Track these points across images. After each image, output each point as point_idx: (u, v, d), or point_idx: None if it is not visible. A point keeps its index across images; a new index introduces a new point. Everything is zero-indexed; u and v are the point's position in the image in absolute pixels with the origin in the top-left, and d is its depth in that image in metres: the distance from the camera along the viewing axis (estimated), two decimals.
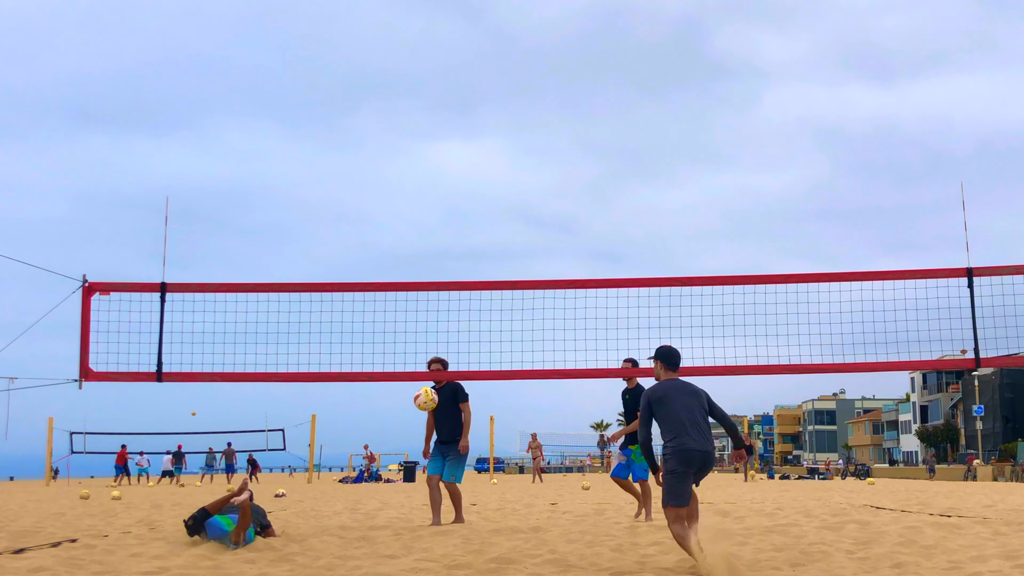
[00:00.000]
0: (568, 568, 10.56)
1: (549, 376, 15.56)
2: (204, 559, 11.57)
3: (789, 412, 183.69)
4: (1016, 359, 17.45)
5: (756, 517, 17.74)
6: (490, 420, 62.94)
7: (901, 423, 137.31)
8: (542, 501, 25.58)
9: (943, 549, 11.76)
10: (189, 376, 15.46)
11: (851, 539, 13.08)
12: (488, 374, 15.57)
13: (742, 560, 10.73)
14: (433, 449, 16.44)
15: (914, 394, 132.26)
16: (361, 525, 16.67)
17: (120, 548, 12.72)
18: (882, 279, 15.76)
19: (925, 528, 14.36)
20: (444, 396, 16.08)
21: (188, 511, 21.59)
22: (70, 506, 25.20)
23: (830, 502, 24.60)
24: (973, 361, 15.65)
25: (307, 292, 15.71)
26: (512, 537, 13.78)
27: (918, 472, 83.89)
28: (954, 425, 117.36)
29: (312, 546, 12.92)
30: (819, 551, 11.77)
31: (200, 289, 15.75)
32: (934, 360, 16.18)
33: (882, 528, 14.47)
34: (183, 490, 43.53)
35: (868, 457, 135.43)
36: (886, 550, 11.79)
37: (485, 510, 21.46)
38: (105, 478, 61.94)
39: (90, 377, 15.51)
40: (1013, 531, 13.92)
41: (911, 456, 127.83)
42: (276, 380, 15.61)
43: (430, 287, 15.90)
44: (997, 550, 11.49)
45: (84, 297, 15.53)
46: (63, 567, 10.62)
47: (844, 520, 16.37)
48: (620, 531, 14.35)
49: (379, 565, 10.92)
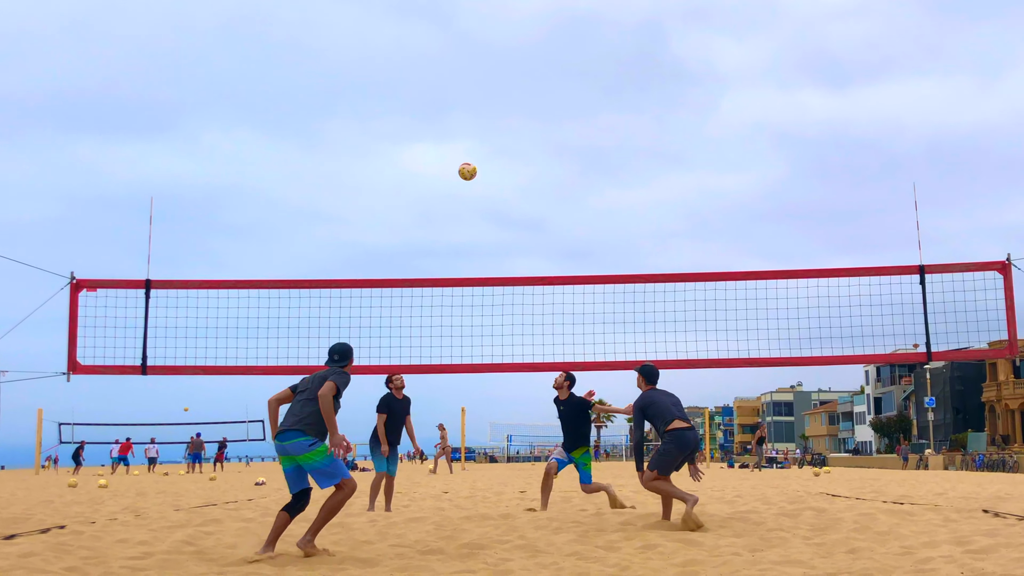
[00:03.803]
0: (536, 553, 10.55)
1: (519, 369, 15.58)
2: (187, 545, 11.54)
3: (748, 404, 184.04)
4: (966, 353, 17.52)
5: (717, 504, 17.76)
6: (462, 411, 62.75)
7: (856, 414, 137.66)
8: (511, 489, 25.57)
9: (896, 535, 11.78)
10: (173, 369, 15.44)
11: (808, 525, 13.08)
12: (460, 367, 15.57)
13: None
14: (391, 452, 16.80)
15: (868, 386, 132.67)
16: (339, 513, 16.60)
17: (107, 534, 12.68)
18: (838, 276, 15.80)
19: (879, 515, 14.38)
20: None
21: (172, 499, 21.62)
22: (59, 494, 25.16)
23: (788, 490, 24.63)
24: (925, 355, 15.71)
25: (285, 288, 15.69)
26: (483, 524, 13.75)
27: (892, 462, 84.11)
28: (907, 416, 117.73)
29: (291, 531, 12.87)
30: (777, 537, 11.77)
31: (183, 286, 15.74)
32: (887, 354, 16.25)
33: (838, 515, 14.48)
34: (167, 478, 43.49)
35: (824, 447, 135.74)
36: (842, 536, 11.80)
37: (457, 497, 21.43)
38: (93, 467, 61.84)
39: (78, 370, 15.48)
40: (963, 518, 13.95)
41: (866, 446, 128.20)
42: (256, 373, 15.58)
43: (404, 284, 15.89)
44: (948, 536, 11.51)
45: (72, 293, 15.51)
46: (52, 552, 10.57)
47: (801, 507, 16.38)
48: (586, 518, 14.33)
49: (355, 550, 10.89)
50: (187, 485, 33.07)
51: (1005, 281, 15.69)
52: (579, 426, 15.67)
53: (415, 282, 15.85)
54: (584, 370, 16.01)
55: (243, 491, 26.84)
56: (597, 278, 16.03)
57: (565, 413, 15.84)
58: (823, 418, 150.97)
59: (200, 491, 27.06)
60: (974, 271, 15.73)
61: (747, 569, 9.02)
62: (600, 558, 10.09)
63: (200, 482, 37.15)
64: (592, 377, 16.78)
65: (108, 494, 24.85)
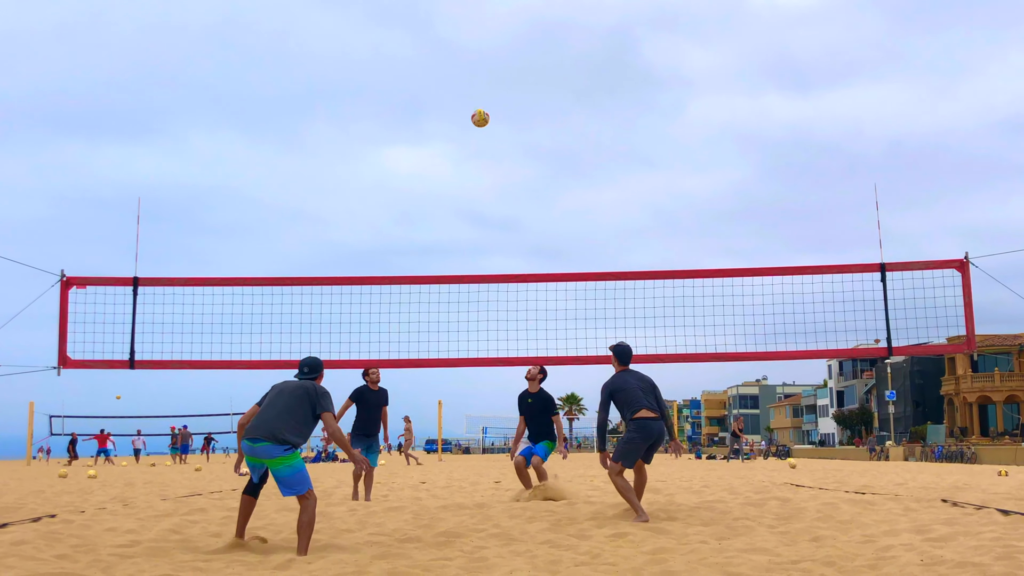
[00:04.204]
0: (511, 541, 10.58)
1: (494, 363, 15.60)
2: (173, 533, 11.55)
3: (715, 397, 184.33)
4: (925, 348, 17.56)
5: (685, 494, 17.81)
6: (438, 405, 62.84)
7: (819, 407, 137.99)
8: (486, 480, 25.60)
9: (858, 524, 11.84)
10: (160, 364, 15.45)
11: (773, 515, 13.14)
12: (437, 361, 15.59)
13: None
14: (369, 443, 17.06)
15: (831, 380, 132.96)
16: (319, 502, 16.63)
17: (96, 523, 12.68)
18: (801, 274, 15.86)
19: (841, 504, 14.44)
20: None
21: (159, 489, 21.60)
22: (49, 484, 25.13)
23: (753, 480, 24.71)
24: (886, 350, 15.78)
25: (268, 286, 15.70)
26: (458, 513, 13.78)
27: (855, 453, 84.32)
28: (868, 409, 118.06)
29: (273, 520, 12.90)
30: (743, 526, 11.82)
31: (169, 283, 15.74)
32: (850, 349, 16.30)
33: (801, 504, 14.54)
34: (154, 469, 43.49)
35: (789, 439, 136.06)
36: (805, 525, 11.85)
37: (434, 487, 21.47)
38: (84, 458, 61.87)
39: (68, 364, 15.49)
40: (923, 507, 14.02)
41: (829, 438, 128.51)
42: (240, 367, 15.59)
43: (382, 281, 15.91)
44: (908, 525, 11.57)
45: (62, 290, 15.52)
46: (43, 540, 10.58)
47: (766, 497, 16.44)
48: (559, 507, 14.36)
49: (336, 538, 10.92)
50: (173, 475, 33.05)
51: (963, 279, 15.77)
52: (546, 420, 15.70)
53: (393, 279, 15.87)
54: (556, 364, 16.04)
55: (227, 481, 26.82)
56: (568, 275, 16.07)
57: (533, 406, 15.86)
58: (787, 411, 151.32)
59: (186, 481, 27.04)
60: (933, 269, 15.80)
61: (714, 557, 9.06)
62: (572, 546, 10.13)
63: (186, 472, 37.12)
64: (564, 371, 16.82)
65: (97, 484, 24.82)
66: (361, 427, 16.92)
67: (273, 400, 10.05)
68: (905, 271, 15.74)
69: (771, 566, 8.40)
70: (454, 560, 9.07)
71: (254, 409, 10.24)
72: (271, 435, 9.67)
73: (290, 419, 9.81)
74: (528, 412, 15.82)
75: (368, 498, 17.07)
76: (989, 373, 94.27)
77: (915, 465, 48.97)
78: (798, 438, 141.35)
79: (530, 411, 15.79)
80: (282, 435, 9.66)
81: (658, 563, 8.71)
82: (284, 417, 9.80)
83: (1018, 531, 10.64)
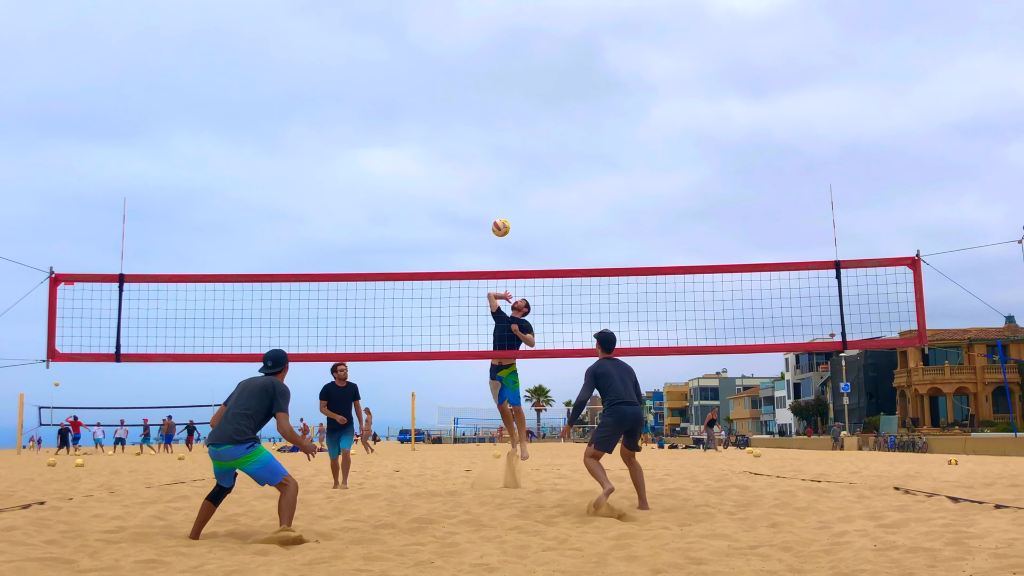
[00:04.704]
0: (481, 527, 10.63)
1: (465, 357, 15.62)
2: (157, 519, 11.57)
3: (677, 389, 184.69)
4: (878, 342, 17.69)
5: (648, 483, 17.84)
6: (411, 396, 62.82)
7: (777, 398, 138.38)
8: (458, 468, 25.65)
9: (814, 510, 11.92)
10: (144, 357, 15.42)
11: (732, 502, 13.21)
12: (410, 355, 15.59)
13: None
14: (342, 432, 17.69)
15: (788, 373, 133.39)
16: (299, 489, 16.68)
17: (83, 510, 12.73)
18: (760, 271, 15.90)
19: (798, 492, 14.53)
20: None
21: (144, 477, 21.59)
22: (39, 472, 25.19)
23: (713, 469, 24.79)
24: (841, 344, 15.84)
25: (248, 282, 15.67)
26: (431, 500, 13.83)
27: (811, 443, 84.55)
28: (824, 400, 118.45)
29: (253, 508, 12.92)
30: (704, 512, 11.89)
31: (154, 280, 15.72)
32: (806, 343, 16.38)
33: (760, 492, 14.62)
34: (139, 458, 43.47)
35: (747, 429, 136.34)
36: (763, 511, 11.92)
37: (407, 476, 21.51)
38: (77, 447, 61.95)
39: (56, 358, 15.46)
40: (876, 495, 14.12)
41: (786, 428, 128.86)
42: (221, 360, 15.56)
43: (358, 278, 15.90)
44: (861, 511, 11.65)
45: (51, 287, 15.50)
46: (33, 526, 10.59)
47: (726, 485, 16.53)
48: (527, 495, 14.42)
49: (313, 524, 10.95)
50: (158, 464, 33.05)
51: (915, 276, 15.84)
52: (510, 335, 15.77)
53: (368, 276, 15.86)
54: (524, 357, 16.08)
55: (209, 470, 26.79)
56: (536, 272, 16.08)
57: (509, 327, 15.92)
58: (746, 402, 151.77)
59: (169, 470, 27.05)
60: (886, 266, 15.86)
61: (676, 542, 9.12)
62: (540, 532, 10.18)
63: (169, 461, 37.12)
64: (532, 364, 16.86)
65: (84, 473, 24.87)
66: (332, 421, 17.45)
67: (236, 400, 10.05)
68: (859, 268, 15.80)
69: (731, 551, 8.46)
70: (427, 545, 9.11)
71: (221, 409, 10.25)
72: (230, 438, 9.67)
73: (248, 420, 9.80)
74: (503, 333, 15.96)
75: (345, 483, 17.26)
76: (940, 366, 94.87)
77: (868, 454, 49.13)
78: (757, 428, 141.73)
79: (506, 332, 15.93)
80: (241, 435, 9.66)
81: (622, 548, 8.76)
82: (240, 419, 9.78)
83: (967, 517, 10.73)
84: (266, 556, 8.42)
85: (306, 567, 7.65)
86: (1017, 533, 9.16)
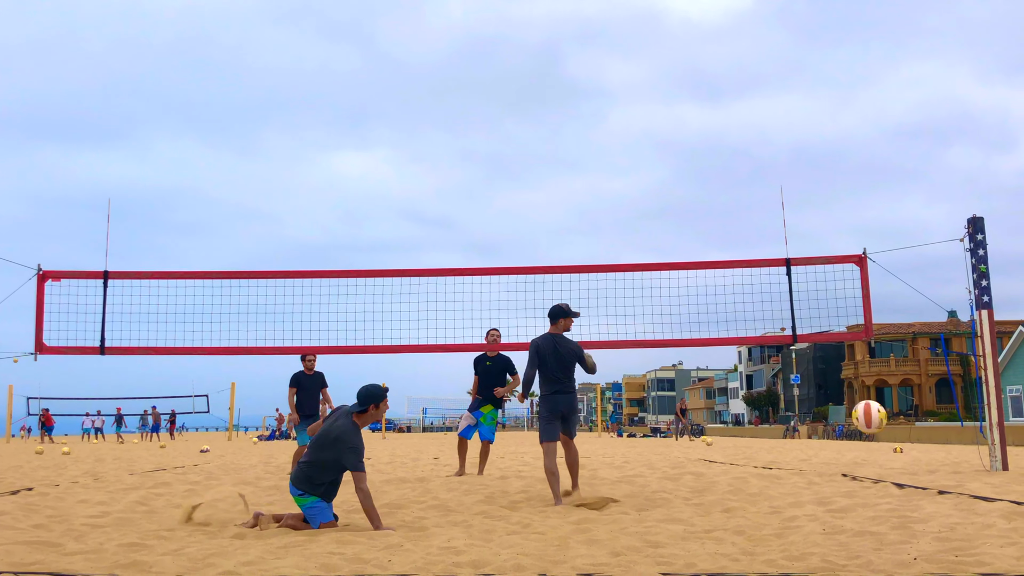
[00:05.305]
0: (448, 512, 10.66)
1: (434, 349, 15.66)
2: (140, 505, 11.57)
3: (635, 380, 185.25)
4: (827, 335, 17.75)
5: (607, 469, 17.94)
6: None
7: (730, 389, 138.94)
8: (427, 456, 25.70)
9: (766, 496, 11.98)
10: (128, 350, 15.45)
11: (688, 488, 13.27)
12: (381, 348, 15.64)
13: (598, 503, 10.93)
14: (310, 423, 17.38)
15: (741, 365, 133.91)
16: (273, 476, 16.76)
17: (69, 495, 12.73)
18: (714, 268, 16.00)
19: (750, 478, 14.60)
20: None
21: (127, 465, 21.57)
22: (26, 460, 25.21)
23: (670, 456, 24.90)
24: (791, 337, 15.95)
25: (226, 279, 15.70)
26: (400, 486, 13.85)
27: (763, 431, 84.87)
28: (775, 391, 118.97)
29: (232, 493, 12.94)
30: (661, 498, 11.94)
31: (137, 276, 15.75)
32: (758, 336, 16.46)
33: (714, 479, 14.69)
34: (123, 446, 43.51)
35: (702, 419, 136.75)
36: (717, 497, 11.98)
37: (378, 463, 21.53)
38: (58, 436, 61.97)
39: (44, 351, 15.49)
40: (825, 481, 14.21)
41: (740, 418, 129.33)
42: (201, 353, 15.61)
43: (331, 274, 15.95)
44: (811, 497, 11.73)
45: (39, 283, 15.53)
46: (21, 511, 10.60)
47: (682, 472, 16.60)
48: (492, 481, 14.45)
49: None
50: (140, 452, 33.07)
51: (861, 272, 15.97)
52: (501, 382, 15.83)
53: (341, 273, 15.89)
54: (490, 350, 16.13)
55: (189, 458, 26.87)
56: (501, 269, 16.13)
57: (493, 368, 16.00)
58: (701, 393, 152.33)
59: (152, 458, 27.07)
60: (834, 264, 15.98)
61: (634, 527, 9.17)
62: (504, 516, 10.22)
63: (152, 450, 37.12)
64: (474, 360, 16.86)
65: (71, 460, 24.90)
66: (301, 408, 17.29)
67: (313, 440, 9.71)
68: (808, 265, 15.91)
69: (686, 535, 8.52)
70: (397, 529, 9.14)
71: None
72: (294, 479, 9.57)
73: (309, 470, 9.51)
74: (487, 375, 16.03)
75: None
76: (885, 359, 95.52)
77: (818, 443, 49.37)
78: (711, 418, 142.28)
79: (489, 373, 15.99)
80: (299, 484, 9.52)
81: (583, 532, 8.81)
82: (304, 469, 9.54)
83: (911, 503, 10.82)
84: (243, 540, 8.44)
85: (281, 549, 7.68)
86: (959, 518, 9.25)
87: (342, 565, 6.88)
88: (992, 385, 15.73)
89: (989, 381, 15.76)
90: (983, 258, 16.00)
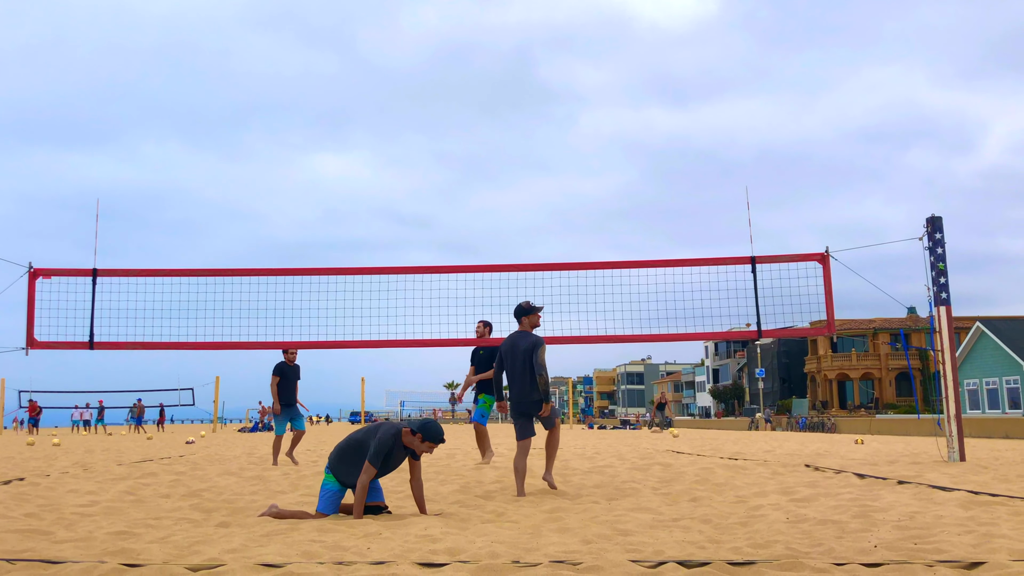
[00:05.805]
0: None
1: (411, 345, 15.66)
2: (128, 494, 11.56)
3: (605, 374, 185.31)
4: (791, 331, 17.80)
5: (579, 460, 17.97)
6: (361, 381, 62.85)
7: (697, 383, 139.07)
8: None
9: (731, 486, 12.03)
10: (116, 345, 15.44)
11: (656, 478, 13.31)
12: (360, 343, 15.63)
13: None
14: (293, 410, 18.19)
15: (708, 359, 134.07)
16: (256, 466, 16.74)
17: (59, 485, 12.73)
18: (681, 266, 16.03)
19: (717, 469, 14.66)
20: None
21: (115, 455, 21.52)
22: (18, 451, 25.16)
23: (639, 448, 24.94)
24: (756, 332, 15.99)
25: (210, 276, 15.69)
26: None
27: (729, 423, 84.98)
28: (740, 385, 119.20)
29: (215, 483, 12.94)
30: (630, 488, 11.98)
31: (124, 274, 15.74)
32: (724, 332, 16.52)
33: (681, 469, 14.74)
34: (111, 438, 43.43)
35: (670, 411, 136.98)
36: (685, 487, 12.03)
37: None
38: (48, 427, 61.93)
39: (35, 346, 15.47)
40: (788, 471, 14.28)
41: (706, 411, 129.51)
42: (186, 348, 15.59)
43: (311, 272, 15.94)
44: (775, 486, 11.79)
45: (30, 280, 15.53)
46: (13, 501, 10.59)
47: (651, 462, 16.65)
48: (467, 471, 14.48)
49: (271, 498, 10.98)
50: (128, 444, 33.02)
51: (824, 270, 16.02)
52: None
53: (322, 271, 15.89)
54: (465, 346, 16.16)
55: (176, 449, 26.85)
56: (476, 267, 16.13)
57: (484, 359, 16.07)
58: (669, 386, 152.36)
59: (139, 449, 27.03)
60: (797, 261, 16.02)
61: (605, 515, 9.19)
62: (479, 506, 10.24)
63: (139, 441, 37.08)
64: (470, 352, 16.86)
65: (61, 451, 24.86)
66: (283, 397, 17.65)
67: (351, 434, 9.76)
68: (773, 263, 15.95)
69: (655, 523, 8.55)
70: (376, 518, 9.15)
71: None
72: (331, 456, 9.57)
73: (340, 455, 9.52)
74: (479, 364, 16.11)
75: (292, 456, 17.69)
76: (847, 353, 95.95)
77: (781, 435, 49.51)
78: (679, 411, 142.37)
79: (482, 363, 16.07)
80: (330, 465, 9.50)
81: (555, 520, 8.83)
82: (335, 454, 9.53)
83: (872, 492, 10.88)
84: (227, 528, 8.45)
85: (264, 538, 7.68)
86: (918, 507, 9.31)
87: (323, 552, 6.89)
88: (950, 379, 15.82)
89: (947, 375, 15.85)
90: (941, 256, 16.09)
